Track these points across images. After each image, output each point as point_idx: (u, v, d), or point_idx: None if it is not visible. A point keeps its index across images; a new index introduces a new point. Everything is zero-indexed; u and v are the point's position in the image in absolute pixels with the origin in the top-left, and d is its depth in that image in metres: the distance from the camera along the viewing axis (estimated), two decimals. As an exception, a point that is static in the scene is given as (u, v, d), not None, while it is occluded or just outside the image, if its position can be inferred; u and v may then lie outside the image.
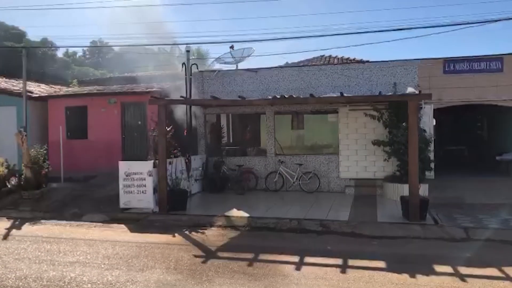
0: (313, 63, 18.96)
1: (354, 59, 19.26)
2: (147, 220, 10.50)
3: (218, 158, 14.73)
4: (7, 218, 11.27)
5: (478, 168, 17.00)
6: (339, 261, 7.18)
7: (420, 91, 11.33)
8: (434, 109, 13.49)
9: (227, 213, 10.69)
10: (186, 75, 14.50)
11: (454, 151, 19.58)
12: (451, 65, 13.72)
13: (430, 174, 12.60)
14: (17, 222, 10.81)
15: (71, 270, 6.86)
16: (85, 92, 17.68)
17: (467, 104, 13.98)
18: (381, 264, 6.99)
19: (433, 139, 12.91)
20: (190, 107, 14.32)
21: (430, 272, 6.59)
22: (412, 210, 9.66)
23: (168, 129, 11.88)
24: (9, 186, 13.22)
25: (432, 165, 12.59)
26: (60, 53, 47.34)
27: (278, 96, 11.93)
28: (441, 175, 13.59)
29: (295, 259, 7.32)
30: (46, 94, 17.87)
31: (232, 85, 14.91)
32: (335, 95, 11.93)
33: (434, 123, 13.68)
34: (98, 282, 6.29)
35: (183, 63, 14.65)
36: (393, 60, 13.86)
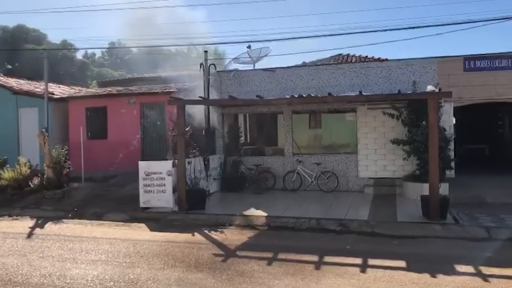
0: (331, 62, 18.89)
1: (372, 58, 19.11)
2: (166, 219, 10.60)
3: (236, 157, 14.79)
4: (30, 217, 11.53)
5: (500, 167, 16.73)
6: (358, 261, 7.15)
7: (440, 89, 11.20)
8: (454, 108, 13.33)
9: (245, 212, 10.73)
10: (204, 75, 14.60)
11: (475, 150, 19.32)
12: (471, 62, 13.54)
13: (450, 173, 12.44)
14: (40, 221, 11.03)
15: (94, 268, 6.98)
16: (105, 93, 17.91)
17: (488, 102, 13.77)
18: (401, 263, 6.95)
19: (453, 137, 12.75)
20: (208, 107, 14.41)
21: (452, 271, 6.51)
22: (432, 209, 9.56)
23: (186, 129, 11.97)
24: (31, 186, 13.48)
25: (453, 164, 12.44)
26: (79, 55, 48.04)
27: (296, 96, 11.91)
28: (462, 174, 13.42)
29: (315, 258, 7.31)
30: (67, 95, 18.17)
31: (249, 85, 14.95)
32: (353, 94, 11.85)
33: (454, 122, 13.52)
34: (120, 280, 6.38)
35: (201, 64, 14.76)
36: (412, 58, 13.75)
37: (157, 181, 11.27)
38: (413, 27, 17.06)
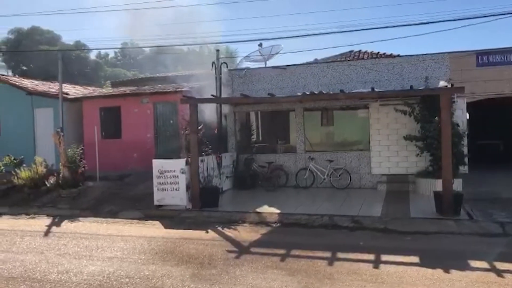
0: (342, 59, 18.85)
1: (384, 54, 19.02)
2: (180, 217, 10.71)
3: (248, 155, 14.86)
4: (47, 216, 11.73)
5: (514, 162, 16.54)
6: (371, 257, 7.17)
7: (452, 85, 11.13)
8: (468, 103, 13.22)
9: (258, 210, 10.80)
10: (215, 74, 14.69)
11: (489, 146, 19.11)
12: (484, 57, 13.41)
13: (464, 169, 12.35)
14: (56, 220, 11.23)
15: (109, 265, 7.10)
16: (119, 93, 18.09)
17: (502, 97, 13.63)
18: (414, 259, 6.96)
19: (466, 133, 12.66)
20: (220, 105, 14.50)
21: (465, 267, 6.51)
22: (445, 205, 9.53)
23: (199, 128, 12.06)
24: (48, 185, 13.68)
25: (466, 159, 12.34)
26: (93, 55, 48.51)
27: (307, 93, 11.93)
28: (476, 169, 13.32)
29: (328, 254, 7.35)
30: (81, 96, 18.40)
31: (261, 83, 15.00)
32: (365, 91, 11.84)
33: (468, 117, 13.41)
34: (135, 277, 6.50)
35: (213, 62, 14.85)
36: (424, 54, 13.65)
37: (170, 179, 11.40)
38: (425, 23, 16.90)
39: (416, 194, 12.34)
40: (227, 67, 15.28)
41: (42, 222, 11.04)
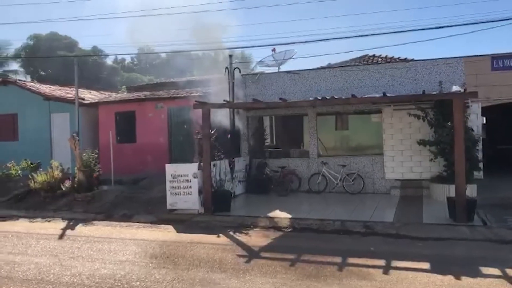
0: (356, 63, 18.79)
1: (398, 58, 18.92)
2: (192, 221, 10.79)
3: (261, 160, 14.89)
4: (62, 219, 11.91)
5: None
6: (382, 262, 7.14)
7: (465, 89, 11.03)
8: (484, 107, 13.05)
9: (270, 214, 10.82)
10: (228, 79, 14.80)
11: (507, 151, 18.83)
12: (499, 61, 13.25)
13: (479, 174, 12.19)
14: (71, 223, 11.40)
15: (121, 268, 7.19)
16: (133, 98, 18.32)
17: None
18: (425, 265, 6.91)
19: (481, 138, 12.50)
20: (233, 110, 14.58)
21: (477, 274, 6.44)
22: (459, 211, 9.43)
23: (211, 132, 12.14)
24: (63, 188, 13.89)
25: (481, 165, 12.19)
26: (109, 60, 49.12)
27: (319, 98, 11.93)
28: (492, 175, 13.15)
29: (338, 259, 7.34)
30: (97, 101, 18.67)
31: (274, 87, 15.04)
32: (377, 95, 11.80)
33: (484, 122, 13.25)
34: (146, 280, 6.57)
35: (226, 68, 14.97)
36: (439, 58, 13.54)
37: (183, 183, 11.49)
38: (439, 27, 16.78)
39: (430, 200, 12.23)
40: (240, 72, 15.36)
41: (57, 225, 11.21)
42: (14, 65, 44.89)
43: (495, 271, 6.54)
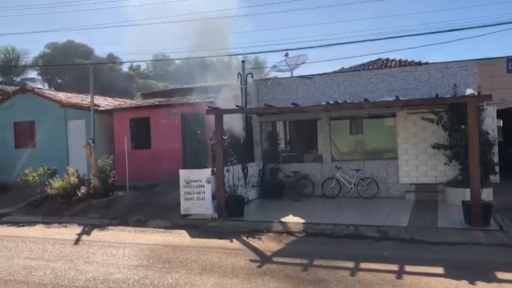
0: (369, 67, 18.73)
1: (412, 62, 18.81)
2: (206, 226, 10.83)
3: (274, 165, 14.90)
4: (78, 225, 12.08)
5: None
6: (395, 267, 7.09)
7: (479, 92, 10.91)
8: (500, 110, 12.90)
9: (283, 219, 10.81)
10: (241, 84, 14.86)
11: None
12: (514, 63, 13.12)
13: (495, 178, 12.05)
14: (86, 228, 11.55)
15: (135, 273, 7.27)
16: (148, 104, 18.52)
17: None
18: (439, 270, 6.84)
19: (497, 141, 12.35)
20: (246, 115, 14.63)
21: (492, 279, 6.36)
22: (474, 215, 9.30)
23: (225, 138, 12.20)
24: (79, 194, 14.07)
25: (497, 168, 12.03)
26: (125, 67, 49.69)
27: (331, 102, 11.91)
28: (508, 179, 12.95)
29: (351, 264, 7.31)
30: (112, 107, 18.89)
31: (286, 92, 15.05)
32: (390, 99, 11.72)
33: (501, 125, 13.08)
34: (159, 285, 6.63)
35: (239, 73, 15.05)
36: (452, 61, 13.43)
37: (197, 188, 11.56)
38: (453, 30, 16.65)
39: (445, 204, 12.10)
40: (252, 77, 15.42)
41: (73, 230, 11.37)
42: (32, 73, 45.75)
43: (511, 276, 6.44)
